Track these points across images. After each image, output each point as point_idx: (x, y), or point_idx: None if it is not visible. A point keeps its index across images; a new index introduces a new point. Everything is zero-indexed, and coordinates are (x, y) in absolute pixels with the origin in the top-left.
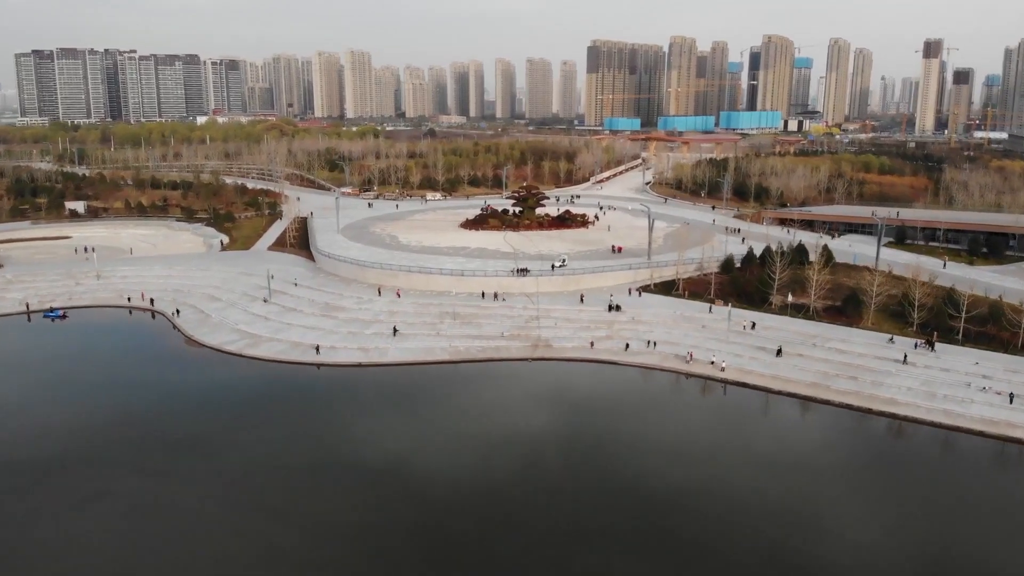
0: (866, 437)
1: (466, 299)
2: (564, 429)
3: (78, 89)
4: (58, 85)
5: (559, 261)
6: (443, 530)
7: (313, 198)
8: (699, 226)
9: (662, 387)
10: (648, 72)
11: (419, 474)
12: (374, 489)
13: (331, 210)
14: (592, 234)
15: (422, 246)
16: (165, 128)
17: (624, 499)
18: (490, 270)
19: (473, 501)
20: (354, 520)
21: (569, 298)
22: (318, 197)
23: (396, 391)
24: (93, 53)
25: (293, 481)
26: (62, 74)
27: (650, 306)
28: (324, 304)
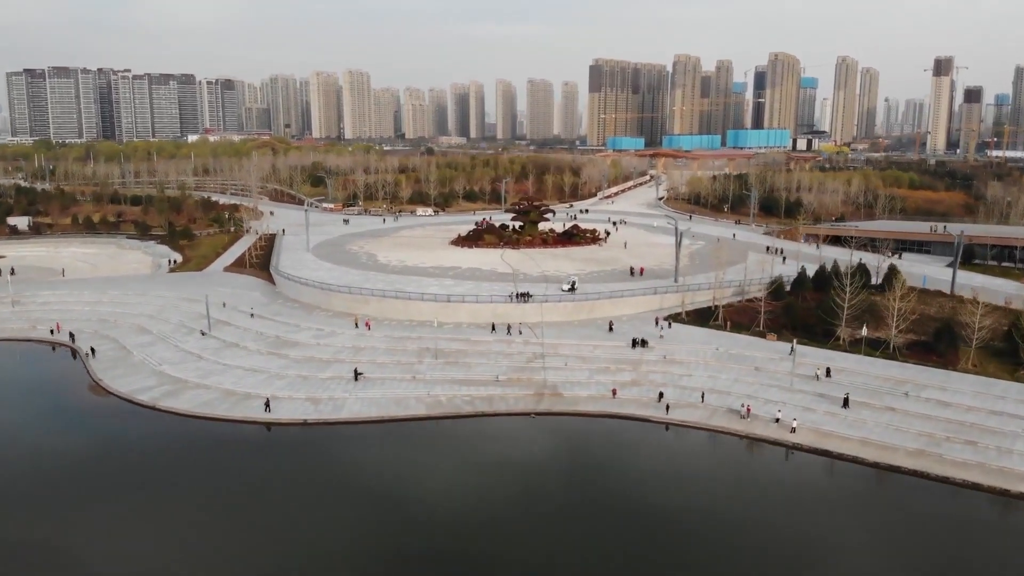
0: (1016, 534)
1: (452, 331)
2: (583, 528)
3: (70, 108)
4: (49, 104)
5: (568, 283)
6: None
7: (291, 214)
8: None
9: (714, 456)
10: (651, 92)
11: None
12: None
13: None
14: (605, 252)
15: (404, 266)
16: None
17: None
18: (484, 295)
19: None
20: None
21: (581, 329)
22: (297, 213)
23: (346, 465)
24: (86, 72)
25: None
26: (53, 93)
27: (684, 340)
28: (274, 339)
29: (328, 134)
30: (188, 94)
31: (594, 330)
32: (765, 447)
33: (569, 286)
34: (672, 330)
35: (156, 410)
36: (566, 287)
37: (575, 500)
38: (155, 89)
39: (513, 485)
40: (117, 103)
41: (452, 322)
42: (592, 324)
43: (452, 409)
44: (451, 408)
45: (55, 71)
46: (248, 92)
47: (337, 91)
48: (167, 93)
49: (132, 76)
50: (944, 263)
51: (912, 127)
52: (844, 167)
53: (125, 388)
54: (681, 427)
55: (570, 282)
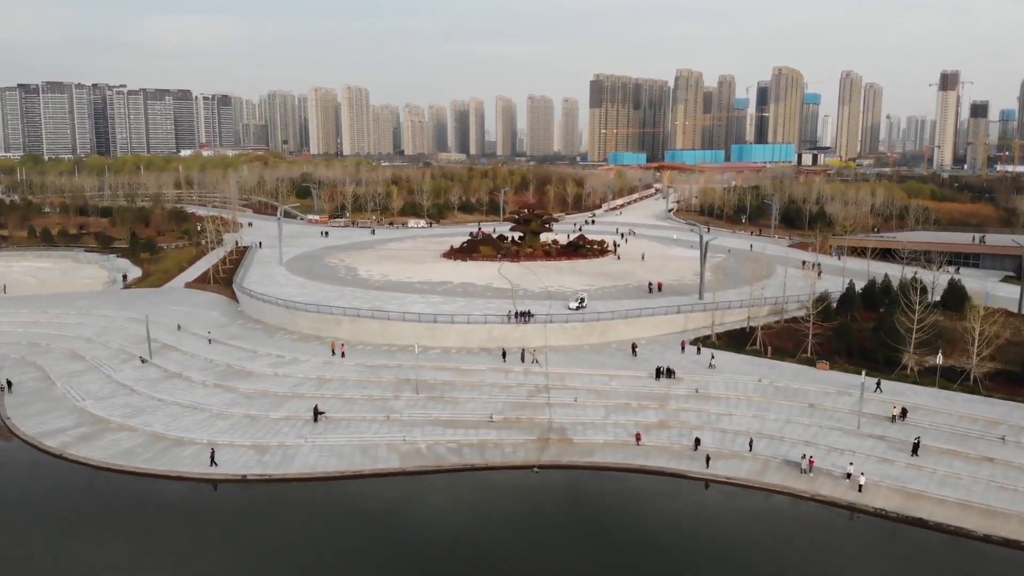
0: None
1: (438, 358)
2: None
3: (63, 124)
4: (43, 120)
5: (575, 300)
6: None
7: (271, 226)
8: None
9: (772, 526)
10: (653, 107)
11: None
12: None
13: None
14: (615, 265)
15: (387, 281)
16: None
17: None
18: (477, 314)
19: None
20: None
21: (594, 356)
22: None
23: (293, 538)
24: (80, 87)
25: None
26: (47, 108)
27: (719, 370)
28: (224, 367)
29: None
30: (184, 110)
31: (608, 356)
32: (837, 513)
33: (577, 304)
34: (702, 356)
35: (63, 459)
36: (573, 305)
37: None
38: (150, 105)
39: (511, 568)
40: (112, 119)
41: (439, 347)
42: (606, 349)
43: (433, 460)
44: (432, 459)
45: (49, 86)
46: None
47: (335, 107)
48: (162, 109)
49: (127, 91)
50: (997, 277)
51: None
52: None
53: (33, 429)
54: (726, 485)
55: (578, 299)
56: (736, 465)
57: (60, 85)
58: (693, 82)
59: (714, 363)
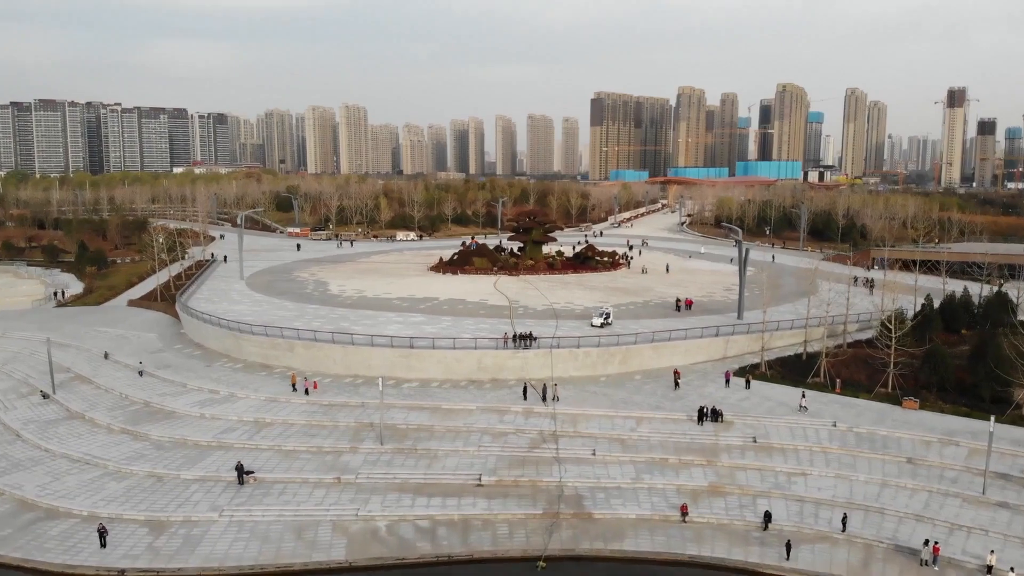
0: None
1: (415, 393)
2: None
3: (55, 142)
4: (35, 137)
5: (600, 316)
6: None
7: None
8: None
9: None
10: (654, 125)
11: None
12: None
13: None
14: (631, 279)
15: (360, 298)
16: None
17: None
18: (465, 337)
19: None
20: None
21: (614, 391)
22: (255, 238)
23: None
24: (73, 105)
25: None
26: (39, 126)
27: (779, 411)
28: (142, 405)
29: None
30: (180, 129)
31: (632, 391)
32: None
33: (602, 320)
34: (752, 391)
35: None
36: (598, 321)
37: None
38: (145, 123)
39: None
40: (105, 137)
41: (416, 379)
42: (628, 382)
43: (395, 548)
44: (393, 546)
45: (41, 104)
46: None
47: (333, 126)
48: (157, 127)
49: (121, 110)
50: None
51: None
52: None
53: None
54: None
55: (603, 314)
56: (827, 553)
57: (53, 103)
58: (695, 100)
59: (805, 405)
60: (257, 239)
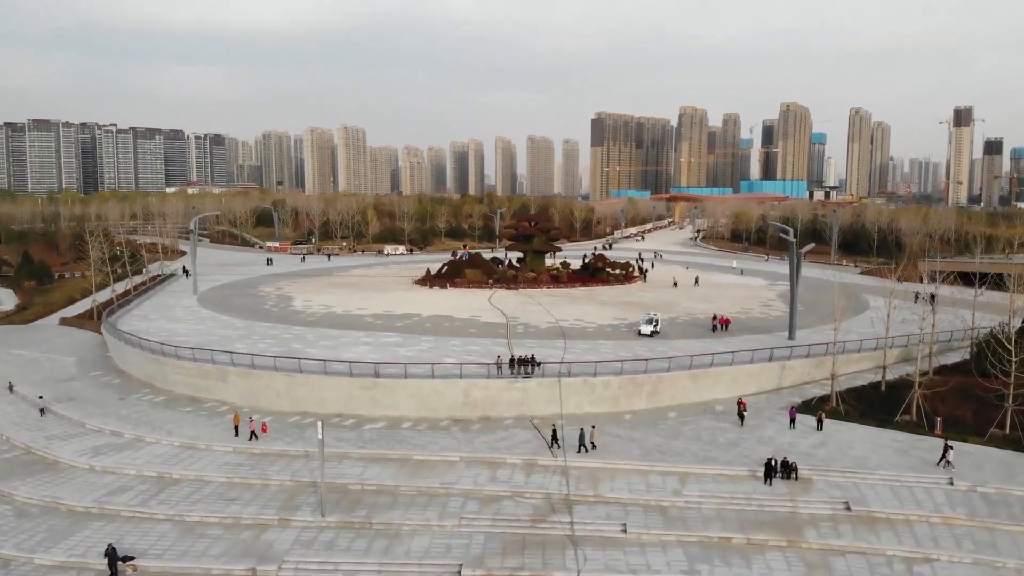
0: None
1: (378, 439)
2: None
3: (49, 162)
4: (29, 158)
5: (648, 322)
6: None
7: (222, 254)
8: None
9: None
10: (655, 146)
11: None
12: None
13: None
14: (650, 294)
15: (327, 314)
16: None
17: None
18: (449, 361)
19: None
20: None
21: (643, 434)
22: (230, 253)
23: None
24: (68, 126)
25: None
26: (32, 146)
27: (871, 463)
28: (23, 451)
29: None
30: (176, 149)
31: (669, 434)
32: None
33: (652, 327)
34: (825, 433)
35: None
36: (647, 329)
37: None
38: (140, 144)
39: None
40: (100, 158)
41: (382, 418)
42: (661, 421)
43: None
44: None
45: (35, 124)
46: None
47: (332, 148)
48: (152, 148)
49: (116, 130)
50: None
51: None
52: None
53: None
54: None
55: (651, 321)
56: None
57: (47, 123)
58: (697, 119)
59: (950, 460)
60: (233, 254)
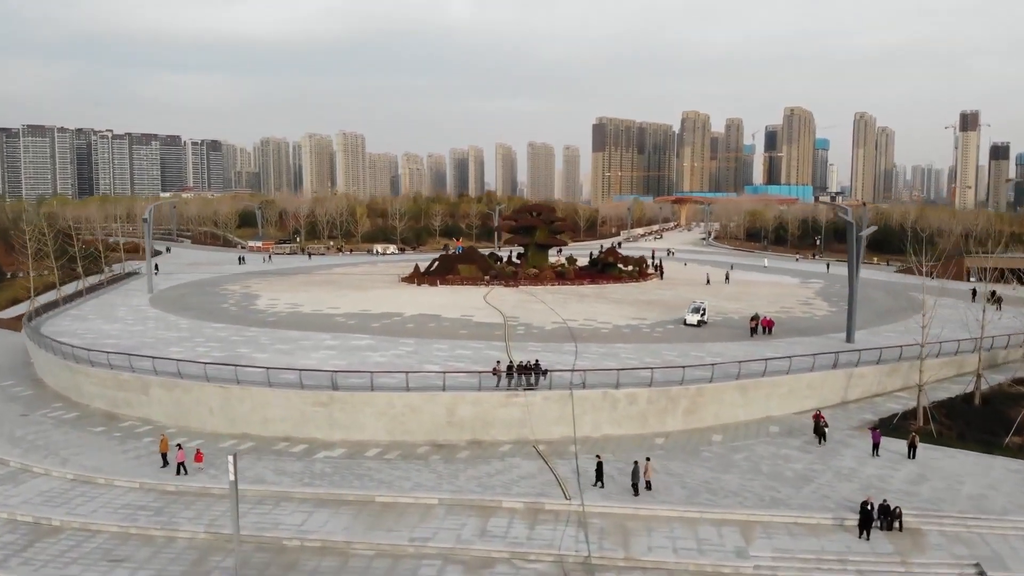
0: None
1: (336, 471)
2: None
3: (44, 167)
4: (23, 163)
5: (694, 311)
6: None
7: (198, 254)
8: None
9: None
10: (657, 151)
11: None
12: None
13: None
14: (671, 292)
15: (292, 313)
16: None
17: None
18: (430, 370)
19: None
20: None
21: (684, 465)
22: (208, 253)
23: None
24: (63, 131)
25: None
26: (27, 152)
27: (997, 506)
28: None
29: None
30: (172, 155)
31: (718, 466)
32: None
33: (699, 316)
34: (917, 462)
35: None
36: (694, 319)
37: None
38: (136, 149)
39: None
40: (96, 164)
41: (342, 442)
42: (704, 446)
43: None
44: None
45: (30, 130)
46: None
47: (330, 154)
48: (148, 154)
49: (112, 136)
50: None
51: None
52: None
53: None
54: None
55: (697, 308)
56: None
57: (41, 129)
58: (700, 124)
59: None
60: (211, 253)
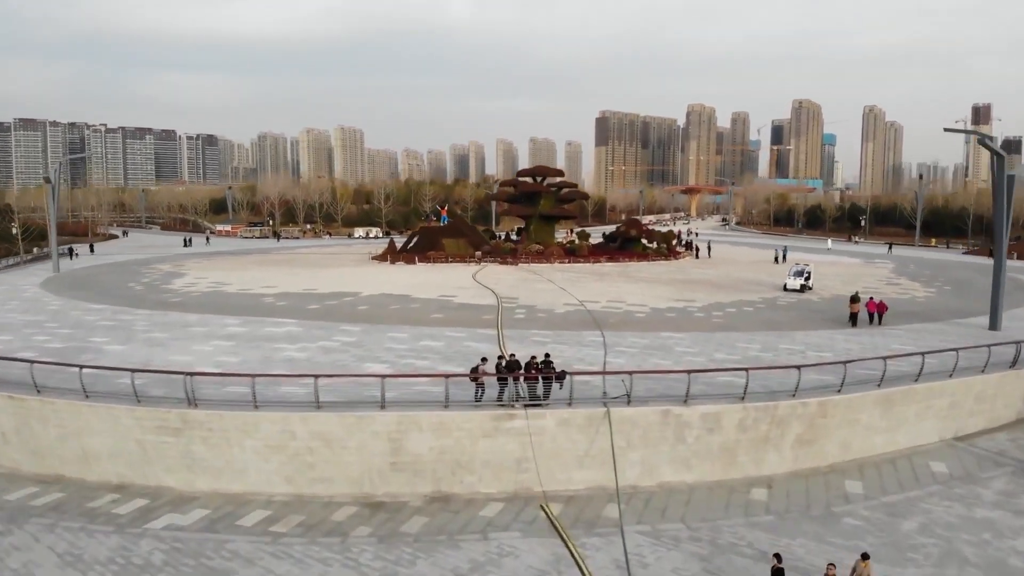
0: None
1: (194, 551)
2: None
3: (35, 161)
4: (14, 156)
5: (797, 276)
6: None
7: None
8: (935, 264)
9: None
10: (662, 146)
11: None
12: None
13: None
14: (714, 271)
15: (209, 293)
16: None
17: None
18: (372, 369)
19: None
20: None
21: (812, 544)
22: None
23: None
24: (55, 125)
25: None
26: (19, 145)
27: None
28: None
29: None
30: (167, 149)
31: (888, 554)
32: None
33: (803, 279)
34: None
35: None
36: (795, 283)
37: None
38: (130, 144)
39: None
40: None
41: (203, 495)
42: (839, 502)
43: None
44: None
45: (21, 123)
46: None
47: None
48: (142, 148)
49: (105, 130)
50: None
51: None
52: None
53: None
54: None
55: (801, 272)
56: None
57: (33, 122)
58: (706, 117)
59: None
60: (169, 237)
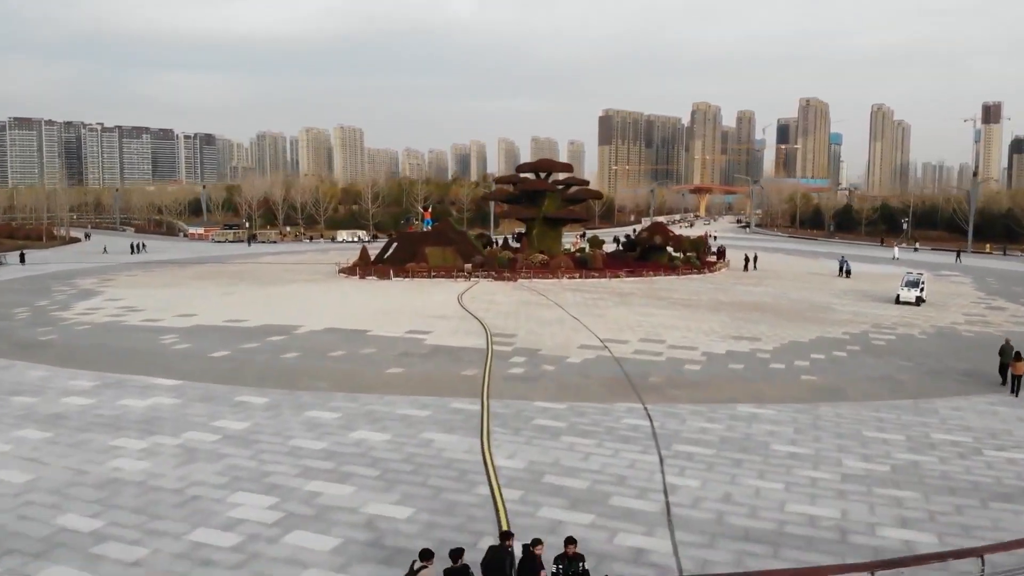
0: None
1: None
2: None
3: (31, 160)
4: (9, 156)
5: (911, 287)
6: None
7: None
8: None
9: None
10: (666, 145)
11: None
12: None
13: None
14: (762, 288)
15: (105, 325)
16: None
17: None
18: (246, 508)
19: None
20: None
21: None
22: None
23: None
24: (51, 124)
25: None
26: (14, 145)
27: None
28: None
29: None
30: (164, 149)
31: None
32: None
33: (918, 291)
34: None
35: None
36: (910, 295)
37: None
38: (127, 143)
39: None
40: (85, 156)
41: None
42: None
43: None
44: None
45: (17, 122)
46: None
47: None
48: (139, 147)
49: (102, 129)
50: None
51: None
52: None
53: None
54: None
55: (915, 282)
56: None
57: (28, 121)
58: (711, 116)
59: None
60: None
